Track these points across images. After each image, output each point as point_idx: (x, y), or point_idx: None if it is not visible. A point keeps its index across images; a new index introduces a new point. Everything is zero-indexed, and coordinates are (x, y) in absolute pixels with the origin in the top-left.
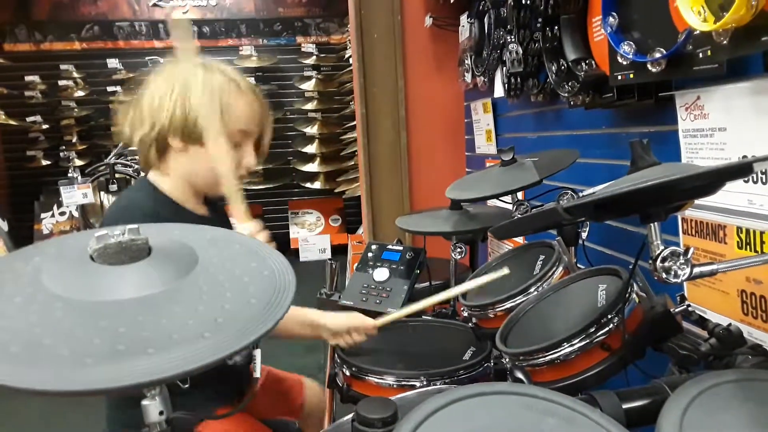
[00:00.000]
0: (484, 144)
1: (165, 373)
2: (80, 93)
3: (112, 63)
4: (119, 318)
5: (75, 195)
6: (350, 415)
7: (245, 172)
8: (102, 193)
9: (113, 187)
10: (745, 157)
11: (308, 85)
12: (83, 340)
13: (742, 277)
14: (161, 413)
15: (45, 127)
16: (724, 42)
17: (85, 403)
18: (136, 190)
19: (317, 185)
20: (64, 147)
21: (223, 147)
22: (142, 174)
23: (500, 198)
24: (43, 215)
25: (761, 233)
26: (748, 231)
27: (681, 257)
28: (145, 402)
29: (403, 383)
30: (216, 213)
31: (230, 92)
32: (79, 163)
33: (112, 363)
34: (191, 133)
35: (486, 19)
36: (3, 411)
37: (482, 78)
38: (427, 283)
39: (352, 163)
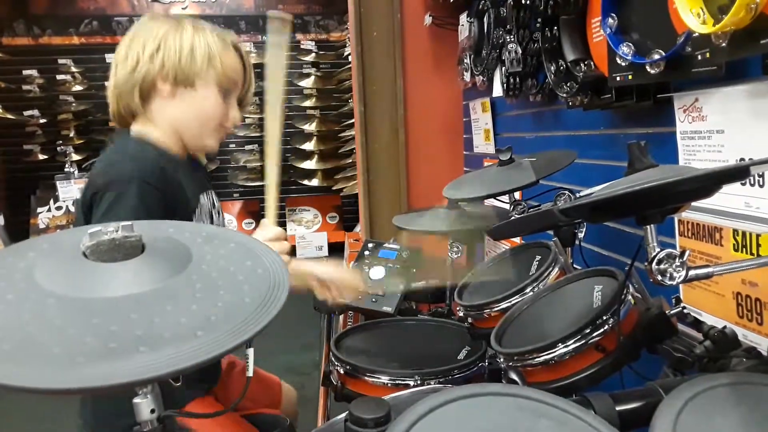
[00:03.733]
0: (483, 143)
1: (157, 371)
2: (78, 87)
3: (111, 58)
4: (111, 316)
5: (72, 190)
6: (343, 414)
7: (231, 126)
8: None
9: None
10: (742, 159)
11: (307, 83)
12: (75, 339)
13: (737, 279)
14: (152, 411)
15: (42, 121)
16: (723, 44)
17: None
18: (130, 144)
19: (315, 182)
20: (61, 141)
21: (215, 91)
22: (119, 130)
23: (497, 198)
24: (39, 209)
25: (757, 236)
26: (744, 234)
27: (677, 260)
28: (136, 400)
29: (398, 382)
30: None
31: (219, 42)
32: (76, 157)
33: (104, 361)
34: (185, 76)
35: (485, 19)
36: None
37: (481, 77)
38: (423, 282)
39: (350, 160)
